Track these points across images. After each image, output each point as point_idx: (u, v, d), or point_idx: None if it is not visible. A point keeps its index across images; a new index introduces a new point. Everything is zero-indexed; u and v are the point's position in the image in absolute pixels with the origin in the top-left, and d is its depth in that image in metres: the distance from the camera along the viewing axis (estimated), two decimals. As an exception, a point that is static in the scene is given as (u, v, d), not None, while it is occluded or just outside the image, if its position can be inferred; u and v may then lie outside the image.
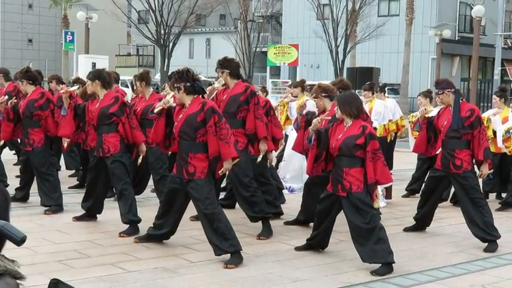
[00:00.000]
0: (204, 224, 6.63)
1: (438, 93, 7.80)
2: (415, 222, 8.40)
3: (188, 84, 6.64)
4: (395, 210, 9.87)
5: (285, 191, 10.51)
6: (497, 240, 7.59)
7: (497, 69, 25.63)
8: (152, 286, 5.88)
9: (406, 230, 8.40)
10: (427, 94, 10.84)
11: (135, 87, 9.57)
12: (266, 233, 7.81)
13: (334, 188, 6.67)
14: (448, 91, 7.71)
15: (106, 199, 8.48)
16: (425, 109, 8.51)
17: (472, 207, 7.60)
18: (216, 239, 6.53)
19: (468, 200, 7.62)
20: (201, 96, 6.75)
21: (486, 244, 7.57)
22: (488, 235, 7.57)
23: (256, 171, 7.96)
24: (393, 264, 6.46)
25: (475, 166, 7.86)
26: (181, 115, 6.68)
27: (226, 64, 7.88)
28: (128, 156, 8.00)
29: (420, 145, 8.18)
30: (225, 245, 6.52)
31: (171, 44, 40.60)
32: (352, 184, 6.52)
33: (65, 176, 11.37)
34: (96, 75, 8.00)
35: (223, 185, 9.36)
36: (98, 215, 8.30)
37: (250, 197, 7.75)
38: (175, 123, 6.71)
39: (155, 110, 7.04)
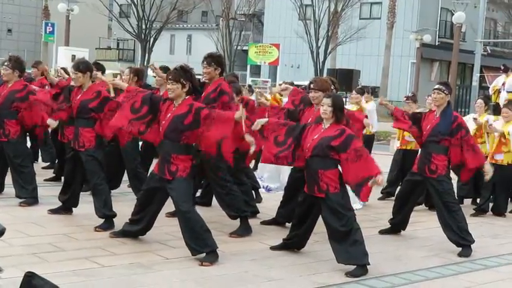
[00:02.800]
0: (180, 223, 6.62)
1: (436, 91, 7.80)
2: (390, 226, 8.45)
3: (191, 84, 6.67)
4: (371, 212, 9.91)
5: (262, 190, 10.54)
6: (471, 245, 7.66)
7: (476, 76, 25.83)
8: (126, 282, 5.86)
9: (382, 232, 8.44)
10: (415, 98, 11.05)
11: (124, 77, 9.47)
12: (241, 231, 7.81)
13: (310, 189, 6.68)
14: (447, 93, 7.78)
15: (82, 193, 8.44)
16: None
17: (446, 212, 7.66)
18: (191, 239, 6.53)
19: (442, 204, 7.69)
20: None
21: (460, 249, 7.63)
22: (462, 240, 7.64)
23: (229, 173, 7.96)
24: (368, 266, 6.49)
25: (451, 171, 7.94)
26: (169, 114, 6.67)
27: (220, 62, 7.93)
28: (102, 151, 7.98)
29: None
30: (200, 244, 6.52)
31: (152, 39, 40.49)
32: (329, 185, 6.55)
33: (40, 168, 11.28)
34: (87, 66, 7.93)
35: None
36: (73, 209, 8.24)
37: (227, 194, 7.76)
38: (163, 122, 6.69)
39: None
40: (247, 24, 47.44)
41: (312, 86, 7.88)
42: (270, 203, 9.74)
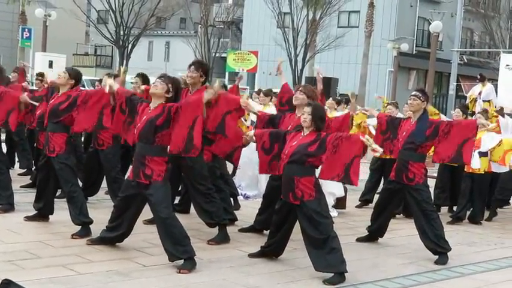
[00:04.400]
0: (159, 229, 6.60)
1: (412, 97, 7.84)
2: (368, 233, 8.48)
3: (175, 95, 6.73)
4: (349, 220, 9.95)
5: (240, 198, 10.53)
6: (448, 253, 7.71)
7: (453, 85, 26.06)
8: (104, 289, 5.82)
9: (359, 240, 8.47)
10: (396, 104, 11.18)
11: (135, 85, 9.44)
12: (219, 238, 7.80)
13: (285, 196, 6.70)
14: (423, 100, 7.81)
15: (58, 199, 8.38)
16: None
17: (423, 220, 7.71)
18: (170, 245, 6.50)
19: (420, 212, 7.73)
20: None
21: (437, 256, 7.68)
22: (439, 247, 7.69)
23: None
24: (345, 274, 6.50)
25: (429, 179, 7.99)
26: (144, 116, 6.66)
27: (206, 72, 7.98)
28: (75, 157, 7.95)
29: None
30: (179, 251, 6.50)
31: (130, 46, 40.34)
32: (304, 193, 6.56)
33: (17, 175, 11.19)
34: (76, 74, 7.90)
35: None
36: (50, 216, 8.18)
37: (207, 203, 7.74)
38: (138, 124, 6.68)
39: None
40: (225, 31, 47.43)
41: (300, 88, 7.86)
42: (248, 211, 9.74)
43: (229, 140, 8.01)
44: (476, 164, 10.12)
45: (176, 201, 9.20)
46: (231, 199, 9.32)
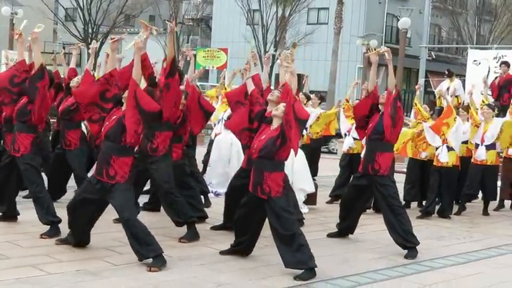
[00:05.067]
0: (125, 230, 6.57)
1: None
2: (338, 230, 8.51)
3: None
4: (319, 216, 9.98)
5: (210, 195, 10.51)
6: (417, 247, 7.76)
7: (421, 80, 26.20)
8: (73, 289, 5.77)
9: (330, 235, 8.50)
10: (432, 105, 11.42)
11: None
12: (189, 236, 7.77)
13: (254, 189, 6.70)
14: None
15: (26, 200, 8.29)
16: None
17: (391, 215, 7.76)
18: (136, 245, 6.49)
19: (387, 207, 7.78)
20: None
21: (406, 251, 7.73)
22: (407, 242, 7.74)
23: (177, 178, 7.92)
24: (316, 270, 6.52)
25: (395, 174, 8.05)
26: (114, 116, 6.60)
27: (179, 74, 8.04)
28: (40, 158, 7.87)
29: None
30: (146, 249, 6.48)
31: (98, 43, 40.01)
32: (272, 189, 6.57)
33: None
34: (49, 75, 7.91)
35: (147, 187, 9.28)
36: (18, 216, 8.08)
37: (171, 203, 7.74)
38: (106, 123, 6.62)
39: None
40: (195, 28, 47.30)
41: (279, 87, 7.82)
42: (219, 208, 9.70)
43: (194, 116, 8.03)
44: (444, 157, 10.21)
45: (146, 199, 9.19)
46: (202, 197, 9.30)
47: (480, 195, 11.49)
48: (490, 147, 10.86)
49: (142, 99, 6.52)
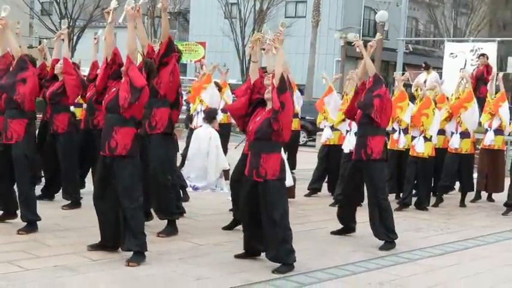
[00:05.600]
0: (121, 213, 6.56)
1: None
2: (342, 226, 8.42)
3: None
4: (298, 209, 9.99)
5: (189, 189, 10.50)
6: (395, 240, 7.81)
7: (399, 73, 26.32)
8: (51, 285, 5.74)
9: (334, 233, 8.40)
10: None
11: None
12: (168, 231, 7.74)
13: (249, 173, 6.60)
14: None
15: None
16: None
17: (376, 209, 7.79)
18: (127, 234, 6.46)
19: (374, 200, 7.80)
20: None
21: (383, 242, 7.78)
22: (387, 238, 7.78)
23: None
24: (295, 263, 6.54)
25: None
26: (114, 89, 6.58)
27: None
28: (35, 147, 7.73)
29: None
30: (132, 242, 6.45)
31: (75, 38, 39.74)
32: (268, 172, 6.49)
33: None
34: (31, 59, 7.89)
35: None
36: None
37: (162, 197, 7.68)
38: (106, 95, 6.61)
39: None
40: (172, 22, 47.09)
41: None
42: (197, 202, 9.75)
43: None
44: (421, 148, 10.29)
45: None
46: (180, 191, 9.27)
47: (457, 186, 11.59)
48: (465, 135, 10.95)
49: (134, 77, 6.44)
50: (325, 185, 11.44)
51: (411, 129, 10.54)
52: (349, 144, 10.16)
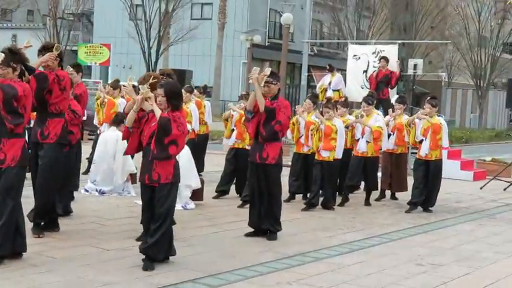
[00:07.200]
0: None
1: (266, 85, 8.04)
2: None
3: (22, 66, 6.74)
4: (206, 211, 9.98)
5: (95, 193, 10.32)
6: (302, 239, 7.93)
7: (304, 75, 26.64)
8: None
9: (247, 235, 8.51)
10: (315, 99, 11.47)
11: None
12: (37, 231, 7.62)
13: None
14: (275, 83, 8.12)
15: None
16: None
17: (267, 202, 8.14)
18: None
19: (268, 195, 8.13)
20: None
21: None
22: (272, 227, 8.18)
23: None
24: (204, 265, 6.52)
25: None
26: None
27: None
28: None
29: None
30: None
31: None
32: (161, 176, 6.56)
33: None
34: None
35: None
36: None
37: (50, 200, 7.59)
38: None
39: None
40: (76, 23, 46.19)
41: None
42: (104, 207, 9.58)
43: None
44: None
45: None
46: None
47: (362, 186, 11.83)
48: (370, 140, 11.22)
49: None
50: (233, 187, 11.46)
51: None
52: None
